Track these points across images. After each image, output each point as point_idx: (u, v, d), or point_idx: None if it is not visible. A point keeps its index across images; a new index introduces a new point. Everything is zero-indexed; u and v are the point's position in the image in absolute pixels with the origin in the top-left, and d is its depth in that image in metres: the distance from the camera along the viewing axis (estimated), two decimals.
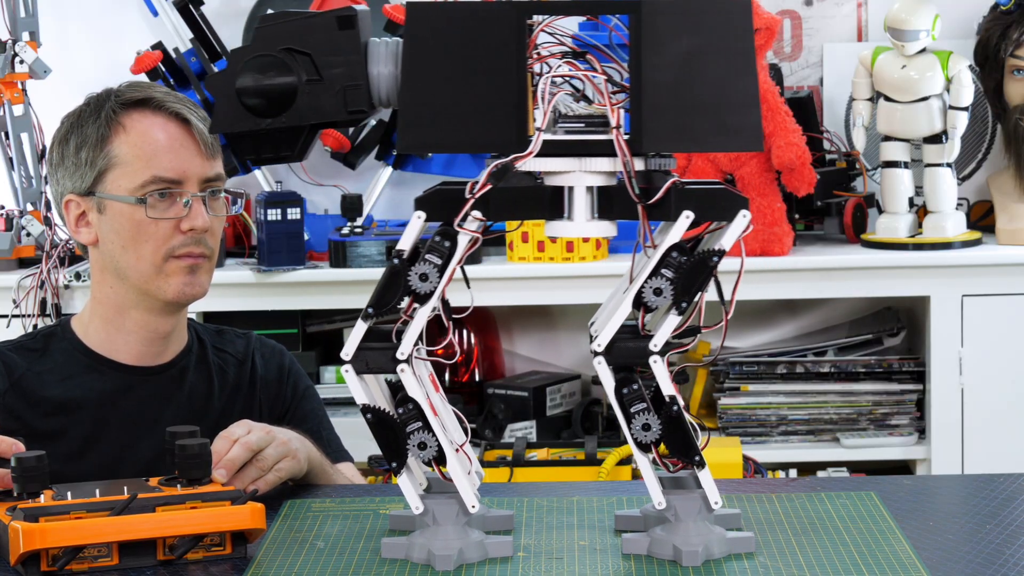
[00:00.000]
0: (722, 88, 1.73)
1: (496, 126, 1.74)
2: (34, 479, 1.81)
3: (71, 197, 2.30)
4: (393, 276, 1.78)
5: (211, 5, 3.83)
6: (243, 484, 2.04)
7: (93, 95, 2.32)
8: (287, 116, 1.81)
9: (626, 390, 1.78)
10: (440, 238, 1.76)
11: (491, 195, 1.74)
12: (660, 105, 1.72)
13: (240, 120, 1.81)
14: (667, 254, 1.75)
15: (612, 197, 1.77)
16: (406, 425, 1.79)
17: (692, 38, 1.72)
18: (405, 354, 1.78)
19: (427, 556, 1.79)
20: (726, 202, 1.75)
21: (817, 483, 2.12)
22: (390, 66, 1.80)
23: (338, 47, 1.80)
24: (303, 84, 1.80)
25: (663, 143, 1.74)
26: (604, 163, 1.75)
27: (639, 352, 1.77)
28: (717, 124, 1.74)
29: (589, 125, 1.77)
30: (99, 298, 2.32)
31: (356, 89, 1.80)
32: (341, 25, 1.80)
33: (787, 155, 3.55)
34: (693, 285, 1.75)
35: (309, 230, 3.71)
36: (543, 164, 1.75)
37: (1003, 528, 1.89)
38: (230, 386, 2.40)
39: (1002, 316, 3.56)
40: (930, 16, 3.63)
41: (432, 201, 1.77)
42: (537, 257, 3.60)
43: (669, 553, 1.79)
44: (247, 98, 1.80)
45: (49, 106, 3.65)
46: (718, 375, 3.77)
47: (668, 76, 1.72)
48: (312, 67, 1.80)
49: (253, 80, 1.80)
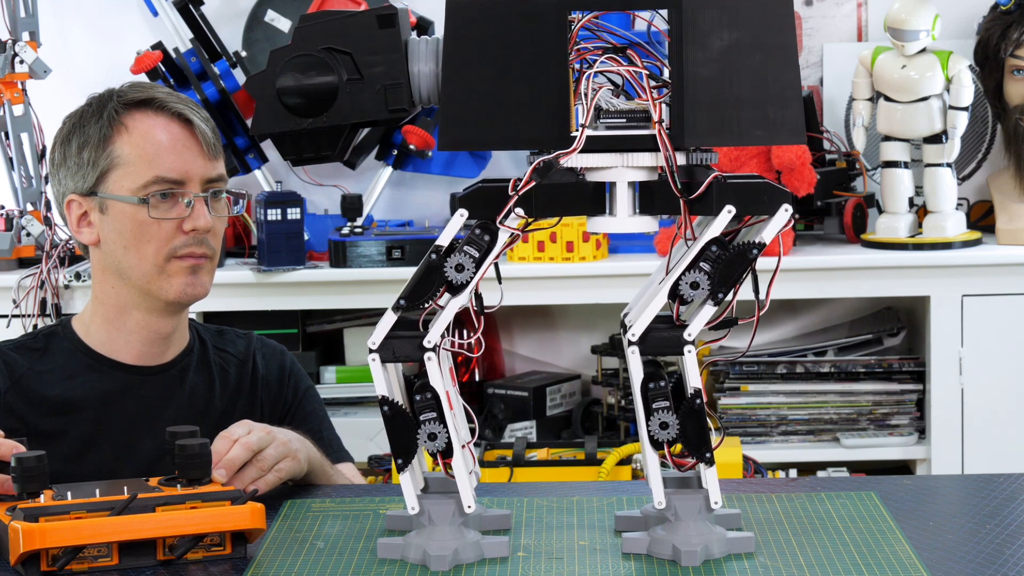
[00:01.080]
0: (763, 82, 1.73)
1: (538, 123, 1.74)
2: (34, 479, 1.81)
3: (73, 197, 2.30)
4: (429, 271, 1.78)
5: (211, 5, 3.83)
6: (243, 484, 2.04)
7: (95, 95, 2.32)
8: (328, 115, 1.81)
9: (652, 385, 1.78)
10: (480, 232, 1.76)
11: (534, 192, 1.74)
12: (701, 99, 1.73)
13: (281, 120, 1.81)
14: (706, 248, 1.75)
15: (654, 192, 1.77)
16: (421, 413, 1.79)
17: (732, 32, 1.72)
18: (432, 342, 1.78)
19: (423, 556, 1.79)
20: (768, 196, 1.76)
21: (817, 483, 2.12)
22: (431, 64, 1.80)
23: (378, 45, 1.79)
24: (344, 83, 1.80)
25: (704, 137, 1.74)
26: (646, 158, 1.75)
27: (674, 342, 1.77)
28: (758, 118, 1.74)
29: (630, 120, 1.77)
30: (100, 298, 2.33)
31: (397, 87, 1.80)
32: (381, 24, 1.79)
33: (787, 155, 3.55)
34: (731, 277, 1.75)
35: (309, 230, 3.71)
36: (586, 160, 1.75)
37: (1003, 528, 1.89)
38: (231, 386, 2.40)
39: (1002, 316, 3.57)
40: (930, 16, 3.63)
41: (475, 199, 1.77)
42: (537, 257, 3.60)
43: (668, 553, 1.79)
44: (288, 98, 1.80)
45: (49, 106, 3.66)
46: (718, 375, 3.77)
47: (709, 70, 1.72)
48: (352, 66, 1.80)
49: (294, 80, 1.80)
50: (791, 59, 1.74)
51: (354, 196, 3.68)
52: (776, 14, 1.74)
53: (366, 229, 3.66)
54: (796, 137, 1.75)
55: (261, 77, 1.81)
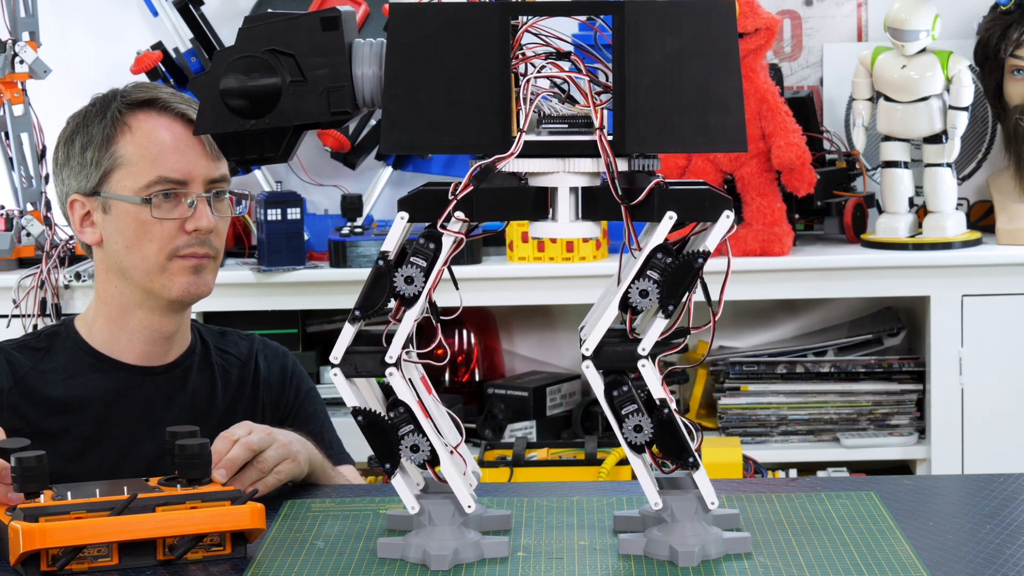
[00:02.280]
0: (705, 89, 1.73)
1: (479, 127, 1.73)
2: (34, 479, 1.81)
3: (76, 197, 2.30)
4: (378, 278, 1.78)
5: (211, 5, 3.83)
6: (243, 485, 2.03)
7: (99, 96, 2.33)
8: (271, 117, 1.80)
9: (616, 392, 1.78)
10: (425, 240, 1.76)
11: (475, 196, 1.74)
12: (643, 106, 1.72)
13: (224, 121, 1.80)
14: (652, 255, 1.75)
15: (596, 198, 1.77)
16: (398, 428, 1.79)
17: (675, 39, 1.72)
18: (394, 358, 1.78)
19: (423, 556, 1.79)
20: (709, 203, 1.75)
21: (817, 483, 2.12)
22: (374, 67, 1.80)
23: (322, 48, 1.79)
24: (287, 85, 1.79)
25: (646, 144, 1.74)
26: (587, 164, 1.75)
27: (627, 356, 1.77)
28: (700, 125, 1.73)
29: (573, 126, 1.77)
30: (103, 298, 2.33)
31: (340, 90, 1.79)
32: (325, 26, 1.79)
33: (787, 155, 3.55)
34: (679, 287, 1.75)
35: (309, 230, 3.71)
36: (526, 165, 1.75)
37: (1003, 528, 1.90)
38: (233, 387, 2.40)
39: (1002, 316, 3.57)
40: (930, 16, 3.63)
41: (415, 202, 1.77)
42: (537, 257, 3.60)
43: (665, 554, 1.79)
44: (231, 99, 1.79)
45: (49, 106, 3.66)
46: (718, 375, 3.77)
47: (651, 77, 1.72)
48: (296, 68, 1.79)
49: (237, 81, 1.79)
50: (733, 66, 1.73)
51: (354, 196, 3.68)
52: (719, 22, 1.73)
53: (366, 229, 3.66)
54: (737, 145, 1.74)
55: (205, 77, 1.81)
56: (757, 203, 3.61)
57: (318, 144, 3.83)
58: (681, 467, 1.79)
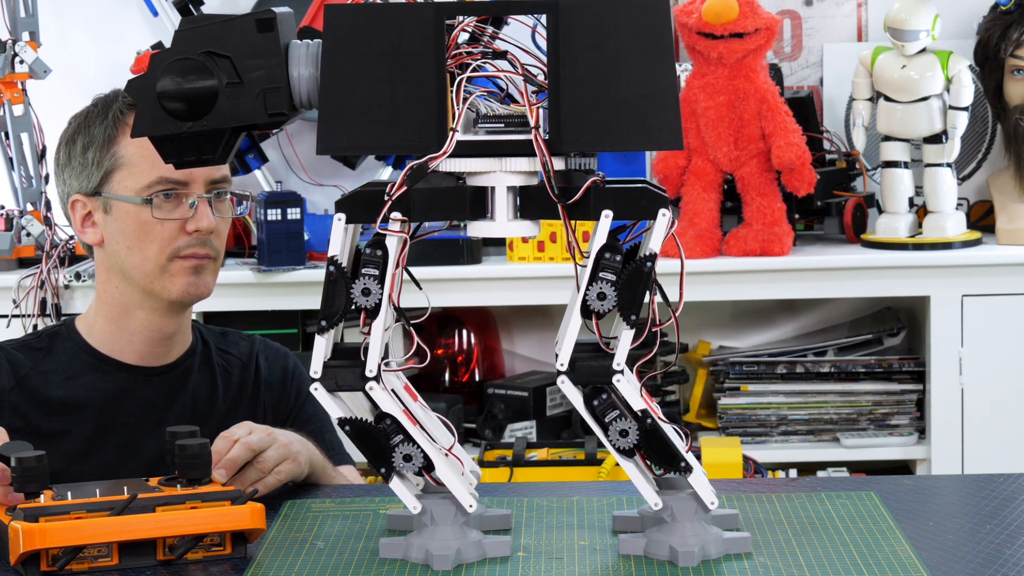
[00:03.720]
0: (640, 87, 1.72)
1: (415, 127, 1.73)
2: (34, 479, 1.81)
3: (77, 197, 2.31)
4: (332, 284, 1.78)
5: (211, 5, 3.83)
6: (243, 486, 2.03)
7: (100, 96, 2.34)
8: (208, 119, 1.80)
9: (596, 401, 1.77)
10: (371, 249, 1.77)
11: (412, 196, 1.74)
12: (578, 104, 1.72)
13: (161, 124, 1.81)
14: (600, 256, 1.74)
15: (533, 197, 1.76)
16: (389, 439, 1.79)
17: (610, 37, 1.72)
18: (373, 371, 1.78)
19: (425, 556, 1.79)
20: (645, 201, 1.74)
21: (817, 483, 2.12)
22: (311, 68, 1.80)
23: (258, 50, 1.79)
24: (223, 87, 1.79)
25: (582, 143, 1.74)
26: (524, 163, 1.75)
27: (603, 371, 1.76)
28: (636, 123, 1.73)
29: (509, 125, 1.76)
30: (104, 298, 2.33)
31: (276, 91, 1.79)
32: (260, 28, 1.79)
33: (787, 155, 3.55)
34: (636, 295, 1.74)
35: (309, 230, 3.71)
36: (460, 164, 1.75)
37: (1003, 528, 1.90)
38: (234, 387, 2.40)
39: (1002, 316, 3.57)
40: (930, 16, 3.63)
41: (352, 202, 1.78)
42: (537, 257, 3.60)
43: (665, 554, 1.79)
44: (168, 102, 1.79)
45: (49, 106, 3.66)
46: (718, 375, 3.77)
47: (586, 75, 1.72)
48: (232, 70, 1.79)
49: (173, 83, 1.79)
50: (668, 64, 1.73)
51: None
52: (653, 19, 1.73)
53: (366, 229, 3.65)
54: (673, 143, 1.74)
55: (142, 80, 1.81)
56: (757, 203, 3.61)
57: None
58: (674, 472, 1.79)
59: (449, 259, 3.52)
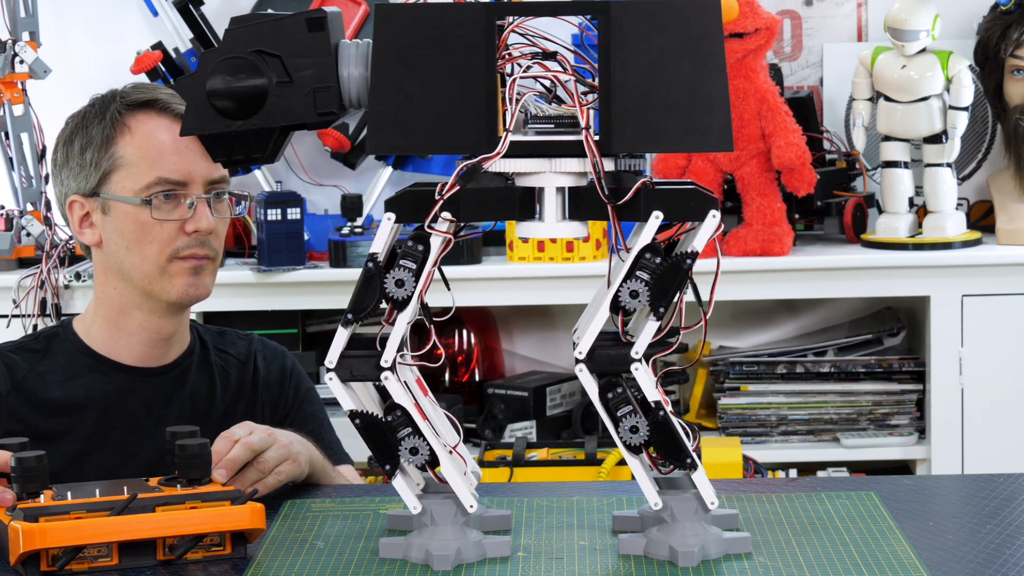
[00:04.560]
0: (691, 89, 1.73)
1: (465, 128, 1.73)
2: (34, 479, 1.81)
3: (75, 198, 2.30)
4: (368, 280, 1.78)
5: (211, 5, 3.83)
6: (243, 486, 2.03)
7: (98, 96, 2.33)
8: (257, 118, 1.80)
9: (611, 394, 1.77)
10: (413, 242, 1.76)
11: (461, 196, 1.74)
12: (629, 106, 1.72)
13: (210, 122, 1.81)
14: (641, 256, 1.74)
15: (582, 198, 1.77)
16: (396, 431, 1.79)
17: (661, 39, 1.72)
18: (388, 361, 1.78)
19: (425, 556, 1.79)
20: (695, 202, 1.75)
21: (817, 483, 2.12)
22: (360, 68, 1.80)
23: (308, 49, 1.79)
24: (273, 86, 1.79)
25: (632, 144, 1.74)
26: (573, 164, 1.75)
27: (621, 359, 1.76)
28: (686, 124, 1.73)
29: (559, 126, 1.77)
30: (102, 299, 2.33)
31: (326, 91, 1.80)
32: (311, 27, 1.79)
33: (787, 155, 3.55)
34: (669, 289, 1.74)
35: (309, 230, 3.72)
36: (512, 165, 1.75)
37: (1003, 528, 1.90)
38: (232, 387, 2.40)
39: (1002, 316, 3.57)
40: (930, 16, 3.63)
41: (402, 202, 1.77)
42: (537, 257, 3.60)
43: (665, 554, 1.79)
44: (217, 100, 1.80)
45: (49, 106, 3.66)
46: (718, 375, 3.77)
47: (637, 77, 1.72)
48: (282, 69, 1.79)
49: (223, 82, 1.79)
50: (719, 66, 1.73)
51: (354, 196, 3.68)
52: (704, 21, 1.73)
53: (366, 229, 3.66)
54: (723, 144, 1.74)
55: (191, 79, 1.81)
56: (757, 203, 3.61)
57: (318, 144, 3.83)
58: (679, 468, 1.79)
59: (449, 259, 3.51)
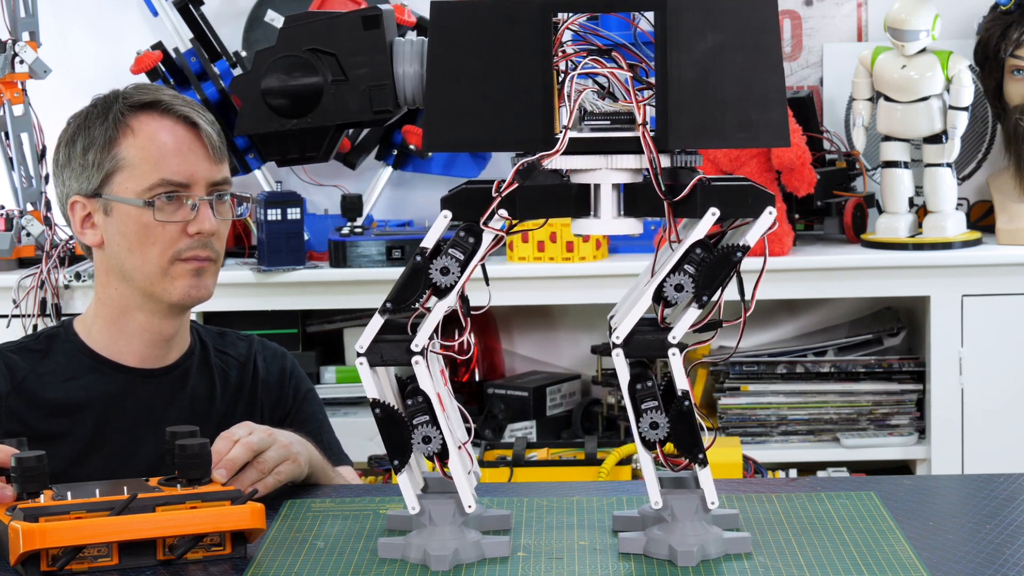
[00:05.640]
0: (747, 84, 1.73)
1: (522, 124, 1.74)
2: (34, 479, 1.81)
3: (77, 198, 2.30)
4: (415, 273, 1.78)
5: (211, 5, 3.83)
6: (243, 486, 2.03)
7: (100, 96, 2.32)
8: (313, 116, 1.80)
9: (640, 386, 1.78)
10: (465, 234, 1.76)
11: (518, 193, 1.74)
12: (685, 102, 1.72)
13: (265, 121, 1.81)
14: (690, 250, 1.75)
15: (638, 194, 1.77)
16: (413, 417, 1.79)
17: (717, 34, 1.72)
18: (420, 346, 1.78)
19: (423, 556, 1.79)
20: (752, 199, 1.75)
21: (817, 483, 2.12)
22: (415, 65, 1.80)
23: (363, 47, 1.79)
24: (328, 84, 1.79)
25: (688, 140, 1.74)
26: (630, 160, 1.75)
27: (658, 344, 1.77)
28: (742, 120, 1.74)
29: (615, 122, 1.77)
30: (103, 300, 2.32)
31: (381, 89, 1.80)
32: (366, 25, 1.79)
33: (787, 155, 3.55)
34: (715, 279, 1.75)
35: (309, 230, 3.71)
36: (570, 162, 1.75)
37: (1003, 528, 1.90)
38: (232, 388, 2.40)
39: (1002, 316, 3.57)
40: (930, 16, 3.63)
41: (459, 200, 1.77)
42: (537, 257, 3.60)
43: (665, 553, 1.79)
44: (273, 99, 1.80)
45: (49, 106, 3.66)
46: (718, 375, 3.77)
47: (693, 72, 1.72)
48: (337, 67, 1.79)
49: (278, 81, 1.80)
50: (775, 61, 1.74)
51: (354, 196, 3.68)
52: (760, 16, 1.73)
53: (366, 229, 3.66)
54: (780, 140, 1.74)
55: (246, 78, 1.81)
56: None
57: None
58: (691, 461, 1.79)
59: None
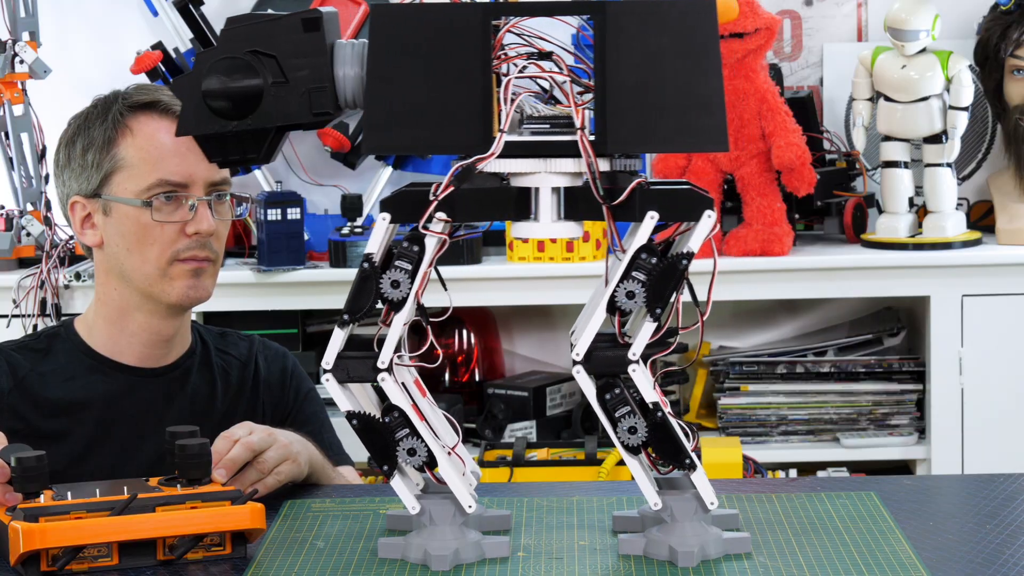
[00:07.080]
0: (686, 88, 1.73)
1: (461, 128, 1.73)
2: (34, 479, 1.81)
3: (77, 199, 2.30)
4: (364, 280, 1.78)
5: (211, 5, 3.83)
6: (243, 486, 2.03)
7: (100, 97, 2.33)
8: (253, 118, 1.80)
9: (608, 395, 1.77)
10: (409, 243, 1.76)
11: (456, 196, 1.74)
12: (624, 106, 1.72)
13: (206, 122, 1.80)
14: (637, 256, 1.74)
15: (577, 198, 1.77)
16: (394, 432, 1.79)
17: (656, 38, 1.72)
18: (385, 363, 1.78)
19: (423, 556, 1.79)
20: (690, 202, 1.75)
21: (817, 483, 2.12)
22: (356, 68, 1.80)
23: (303, 49, 1.79)
24: (269, 86, 1.79)
25: (627, 144, 1.74)
26: (569, 164, 1.75)
27: (618, 361, 1.76)
28: (681, 124, 1.73)
29: (554, 126, 1.77)
30: (103, 300, 2.33)
31: (321, 91, 1.79)
32: (306, 27, 1.79)
33: (787, 155, 3.55)
34: (665, 290, 1.74)
35: (309, 230, 3.71)
36: (507, 165, 1.75)
37: (1003, 528, 1.90)
38: (233, 388, 2.40)
39: (1002, 316, 3.57)
40: (930, 16, 3.63)
41: (397, 202, 1.78)
42: (537, 257, 3.60)
43: (665, 554, 1.79)
44: (213, 100, 1.79)
45: (49, 106, 3.66)
46: (718, 375, 3.77)
47: (632, 77, 1.72)
48: (278, 69, 1.79)
49: (219, 82, 1.79)
50: (715, 66, 1.73)
51: (354, 196, 3.68)
52: (699, 22, 1.73)
53: (366, 229, 3.66)
54: (719, 144, 1.74)
55: (188, 78, 1.80)
56: (757, 203, 3.61)
57: (318, 144, 3.83)
58: (678, 468, 1.79)
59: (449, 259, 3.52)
